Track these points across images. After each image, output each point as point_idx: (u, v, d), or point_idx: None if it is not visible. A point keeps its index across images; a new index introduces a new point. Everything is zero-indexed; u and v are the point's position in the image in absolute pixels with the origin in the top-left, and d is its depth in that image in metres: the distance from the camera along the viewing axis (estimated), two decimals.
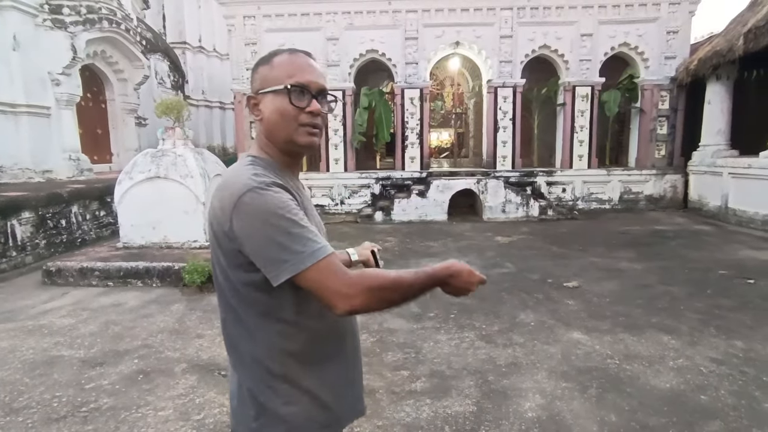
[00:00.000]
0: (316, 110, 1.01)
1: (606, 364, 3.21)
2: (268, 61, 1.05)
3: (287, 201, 0.94)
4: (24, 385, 3.04)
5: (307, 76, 1.01)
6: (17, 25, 7.84)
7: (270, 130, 1.04)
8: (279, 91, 1.01)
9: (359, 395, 1.21)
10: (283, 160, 1.07)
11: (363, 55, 9.98)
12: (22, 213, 5.78)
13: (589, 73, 9.81)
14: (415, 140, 10.14)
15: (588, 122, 9.97)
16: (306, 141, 1.03)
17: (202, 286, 4.82)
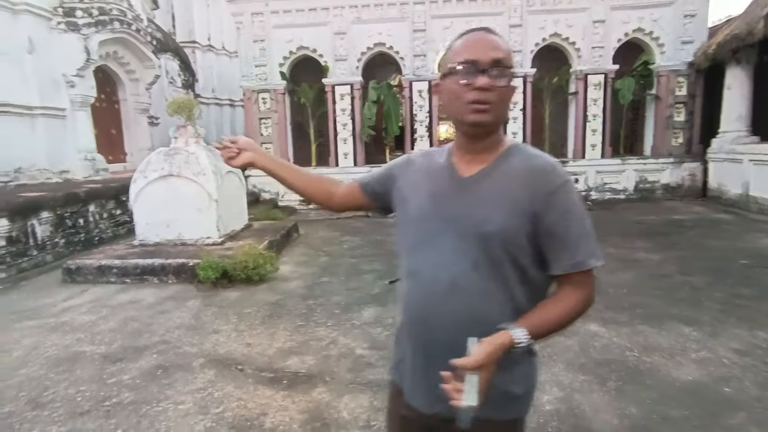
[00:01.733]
0: (483, 85, 0.97)
1: (625, 356, 3.17)
2: (448, 47, 1.07)
3: (385, 165, 1.29)
4: (49, 381, 3.10)
5: (475, 52, 0.99)
6: (32, 28, 7.94)
7: (447, 113, 1.08)
8: (450, 73, 1.02)
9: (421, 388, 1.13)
10: (460, 139, 1.10)
11: (371, 49, 9.94)
12: (41, 213, 5.88)
13: (602, 60, 9.64)
14: (425, 133, 10.09)
15: (601, 111, 9.81)
16: (473, 119, 1.01)
17: (216, 282, 4.87)
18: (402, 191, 1.18)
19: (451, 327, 1.03)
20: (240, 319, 4.08)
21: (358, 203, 1.32)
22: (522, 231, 1.00)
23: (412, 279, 1.10)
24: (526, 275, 1.03)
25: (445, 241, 1.05)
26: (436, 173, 1.13)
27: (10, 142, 7.51)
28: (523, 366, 1.08)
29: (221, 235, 5.94)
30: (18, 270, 5.47)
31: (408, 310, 1.12)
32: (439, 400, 1.00)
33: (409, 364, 1.14)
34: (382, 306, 4.28)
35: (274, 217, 7.96)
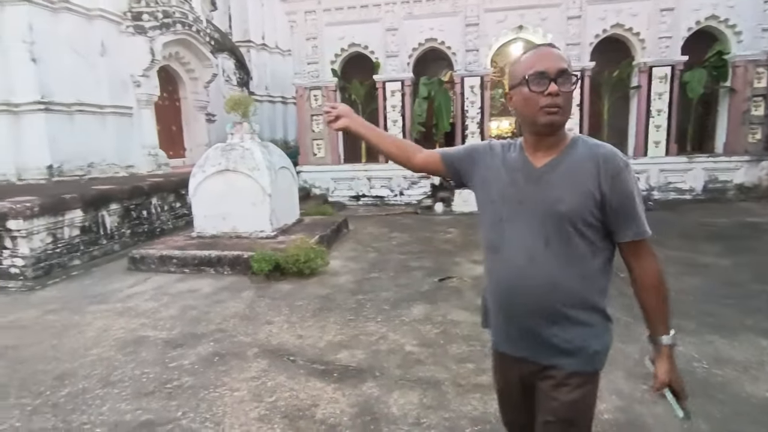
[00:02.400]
0: (553, 91, 1.17)
1: (692, 367, 2.97)
2: (515, 61, 1.28)
3: (466, 146, 1.49)
4: (117, 361, 3.31)
5: (544, 64, 1.19)
6: (104, 33, 8.50)
7: (520, 117, 1.28)
8: (521, 83, 1.22)
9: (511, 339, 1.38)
10: (529, 139, 1.30)
11: (422, 45, 9.86)
12: (110, 205, 6.29)
13: (669, 51, 9.04)
14: (476, 129, 9.90)
15: (666, 105, 9.21)
16: (546, 120, 1.20)
17: (269, 275, 5.01)
18: (482, 174, 1.39)
19: (531, 296, 1.26)
20: (292, 311, 4.17)
21: (434, 169, 1.54)
22: (589, 208, 1.20)
23: (494, 253, 1.34)
24: (593, 246, 1.24)
25: (523, 222, 1.26)
26: (512, 164, 1.32)
27: (85, 139, 8.09)
28: (599, 328, 1.29)
29: (274, 228, 6.10)
30: (90, 257, 5.88)
31: (492, 278, 1.37)
32: (522, 348, 1.33)
33: (494, 319, 1.41)
34: (431, 303, 4.25)
35: (324, 212, 8.10)
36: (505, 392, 1.50)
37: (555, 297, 1.23)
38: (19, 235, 5.05)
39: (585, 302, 1.25)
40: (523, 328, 1.30)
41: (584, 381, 1.30)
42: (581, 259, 1.23)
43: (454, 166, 1.47)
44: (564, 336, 1.26)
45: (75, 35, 8.00)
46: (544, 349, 1.30)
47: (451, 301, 4.31)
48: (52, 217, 5.35)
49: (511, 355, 1.38)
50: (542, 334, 1.28)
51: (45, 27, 7.51)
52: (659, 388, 1.27)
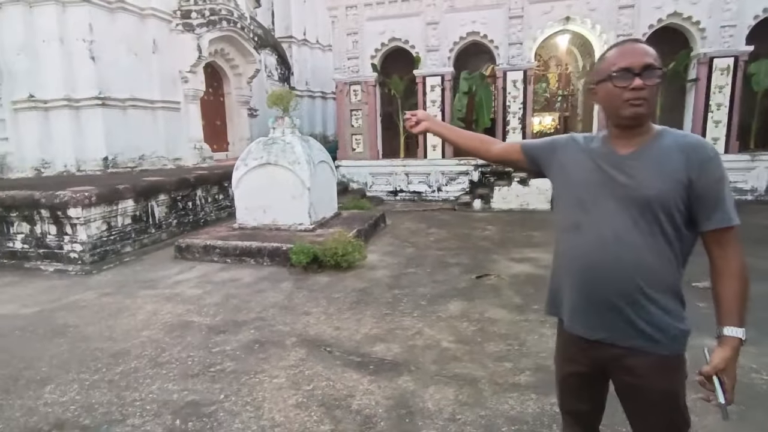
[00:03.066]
0: (638, 86, 1.22)
1: (751, 378, 2.80)
2: (601, 57, 1.34)
3: (547, 138, 1.57)
4: (165, 344, 3.48)
5: (628, 60, 1.24)
6: (156, 31, 8.89)
7: (605, 110, 1.33)
8: (605, 79, 1.28)
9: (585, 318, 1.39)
10: (614, 131, 1.34)
11: (463, 38, 9.71)
12: (159, 195, 6.58)
13: (733, 41, 8.45)
14: (517, 125, 9.68)
15: (728, 99, 8.65)
16: (630, 112, 1.25)
17: (307, 267, 5.10)
18: (562, 162, 1.45)
19: (614, 272, 1.28)
20: (329, 303, 4.24)
21: (513, 158, 1.62)
22: (677, 194, 1.23)
23: (576, 232, 1.36)
24: (678, 231, 1.26)
25: (608, 204, 1.30)
26: (596, 152, 1.37)
27: (137, 132, 8.51)
28: (678, 312, 1.31)
29: (312, 222, 6.21)
30: (140, 245, 6.19)
31: (572, 256, 1.39)
32: (600, 329, 1.34)
33: (568, 300, 1.41)
34: (468, 300, 4.20)
35: (362, 206, 8.16)
36: (570, 378, 1.50)
37: (639, 275, 1.26)
38: (78, 222, 5.38)
39: (667, 285, 1.28)
40: (604, 308, 1.31)
41: (669, 364, 1.31)
42: (665, 242, 1.26)
43: (533, 155, 1.56)
44: (646, 317, 1.27)
45: (129, 34, 8.40)
46: (624, 331, 1.30)
47: (488, 299, 4.25)
48: (107, 206, 5.67)
49: (585, 337, 1.38)
50: (624, 314, 1.28)
51: (103, 26, 7.93)
52: (710, 372, 1.23)
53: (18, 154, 7.80)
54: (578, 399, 1.51)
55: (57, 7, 7.54)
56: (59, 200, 5.29)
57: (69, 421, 2.58)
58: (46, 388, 2.92)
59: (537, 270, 5.06)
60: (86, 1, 7.60)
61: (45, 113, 7.78)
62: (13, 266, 5.63)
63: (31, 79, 7.63)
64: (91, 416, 2.62)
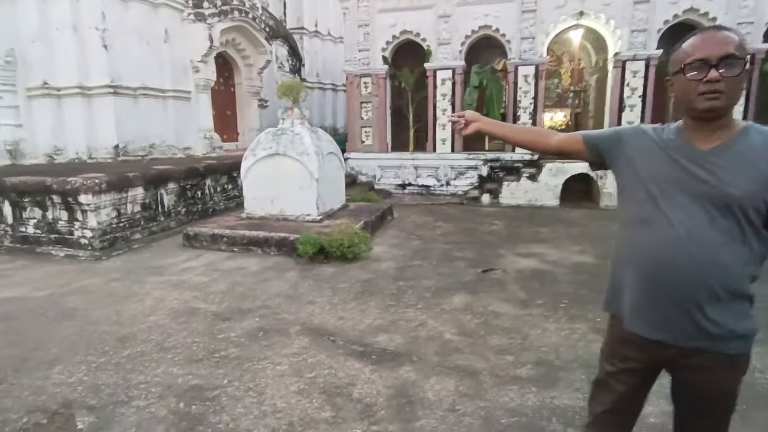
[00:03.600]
0: (713, 78, 1.17)
1: (754, 378, 2.77)
2: (677, 47, 1.30)
3: (611, 128, 1.52)
4: (171, 329, 3.53)
5: (705, 50, 1.19)
6: (168, 20, 8.93)
7: (680, 103, 1.30)
8: (681, 70, 1.24)
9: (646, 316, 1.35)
10: (690, 124, 1.29)
11: (475, 32, 9.62)
12: (168, 184, 6.65)
13: (749, 38, 8.30)
14: (528, 120, 9.59)
15: (743, 97, 8.51)
16: (704, 106, 1.21)
17: (313, 257, 5.13)
18: (629, 154, 1.39)
19: (685, 271, 1.23)
20: (334, 293, 4.26)
21: (573, 149, 1.56)
22: (762, 195, 1.18)
23: (644, 227, 1.31)
24: (757, 234, 1.21)
25: (682, 199, 1.24)
26: (670, 145, 1.31)
27: (148, 121, 8.58)
28: (747, 313, 1.27)
29: (320, 213, 6.23)
30: (149, 232, 6.26)
31: (638, 252, 1.32)
32: (663, 329, 1.29)
33: (630, 297, 1.36)
34: (472, 294, 4.21)
35: (369, 198, 8.17)
36: (618, 376, 1.44)
37: (712, 275, 1.21)
38: (88, 208, 5.45)
39: (739, 286, 1.23)
40: (670, 307, 1.27)
41: (735, 364, 1.28)
42: (742, 243, 1.21)
43: (596, 147, 1.50)
44: (715, 319, 1.23)
45: (142, 23, 8.45)
46: (690, 332, 1.26)
47: (493, 293, 4.25)
48: (117, 194, 5.74)
49: (646, 337, 1.33)
50: (691, 315, 1.24)
51: (116, 15, 7.98)
52: None
53: (31, 141, 7.91)
54: (619, 398, 1.45)
55: None
56: (70, 186, 5.37)
57: (76, 401, 2.64)
58: (54, 369, 2.99)
59: (543, 265, 5.05)
60: None
61: (58, 100, 7.88)
62: (26, 251, 5.74)
63: (44, 67, 7.72)
64: (98, 397, 2.68)
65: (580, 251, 5.55)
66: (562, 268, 4.95)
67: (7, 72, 7.62)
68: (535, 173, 8.81)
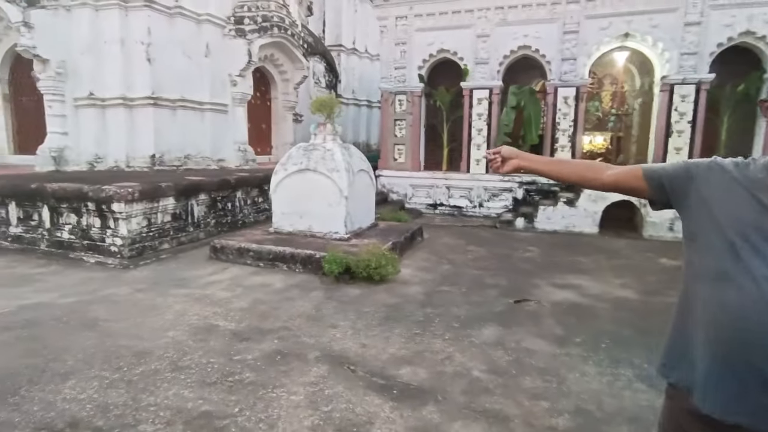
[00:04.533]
0: None
1: None
2: None
3: (680, 162, 1.27)
4: (188, 347, 3.42)
5: None
6: (210, 36, 9.16)
7: None
8: None
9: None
10: None
11: (514, 52, 9.43)
12: (199, 195, 6.68)
13: None
14: (566, 143, 9.25)
15: None
16: None
17: (338, 277, 4.97)
18: (704, 193, 1.17)
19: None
20: (358, 317, 4.07)
21: (631, 186, 1.35)
22: None
23: (722, 283, 1.09)
24: None
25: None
26: (758, 185, 1.10)
27: (185, 133, 8.76)
28: None
29: (348, 231, 6.09)
30: (178, 243, 6.27)
31: (715, 314, 1.10)
32: (744, 412, 1.05)
33: (702, 369, 1.13)
34: (505, 327, 3.93)
35: (399, 218, 8.00)
36: None
37: None
38: (120, 217, 5.50)
39: None
40: (756, 384, 1.04)
41: None
42: None
43: (660, 183, 1.27)
44: None
45: (185, 38, 8.69)
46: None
47: (526, 327, 3.96)
48: (148, 203, 5.78)
49: (722, 419, 1.10)
50: None
51: (161, 30, 8.24)
52: None
53: (75, 149, 8.18)
54: None
55: (120, 11, 7.89)
56: (104, 194, 5.44)
57: (83, 421, 2.53)
58: (67, 383, 2.91)
59: (582, 299, 4.71)
60: (147, 6, 7.92)
61: (102, 111, 8.14)
62: (59, 255, 5.83)
63: (92, 78, 8.01)
64: (105, 417, 2.57)
65: (622, 285, 5.17)
66: (603, 303, 4.60)
67: (57, 82, 7.95)
68: (573, 198, 8.43)
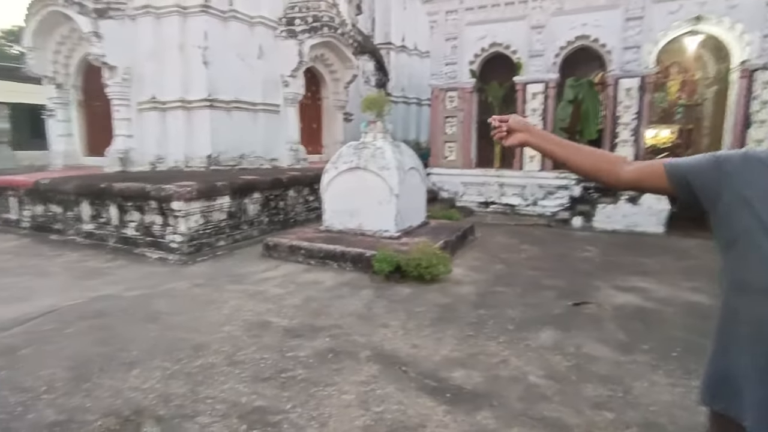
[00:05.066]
0: None
1: None
2: None
3: (707, 155, 1.10)
4: (243, 342, 3.49)
5: None
6: (262, 38, 9.40)
7: None
8: None
9: None
10: None
11: (571, 43, 8.98)
12: (253, 194, 6.87)
13: None
14: (628, 137, 8.71)
15: None
16: None
17: (389, 276, 4.93)
18: (741, 191, 1.01)
19: None
20: (409, 317, 4.01)
21: (652, 184, 1.18)
22: None
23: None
24: None
25: None
26: None
27: (239, 133, 9.04)
28: None
29: (398, 229, 6.04)
30: (233, 240, 6.48)
31: (764, 332, 0.97)
32: None
33: (754, 396, 1.00)
34: (563, 330, 3.73)
35: (450, 216, 7.85)
36: None
37: None
38: (179, 214, 5.75)
39: None
40: None
41: None
42: None
43: (687, 181, 1.10)
44: None
45: (239, 40, 8.96)
46: None
47: (587, 331, 3.74)
48: (205, 201, 6.01)
49: None
50: None
51: (217, 34, 8.54)
52: None
53: (139, 150, 8.66)
54: None
55: (179, 17, 8.26)
56: (165, 193, 5.71)
57: (147, 409, 2.63)
58: (132, 372, 3.04)
59: (647, 303, 4.39)
60: (204, 11, 8.23)
61: (163, 113, 8.56)
62: (125, 251, 6.18)
63: (154, 82, 8.44)
64: (166, 407, 2.65)
65: (693, 289, 4.78)
66: (673, 308, 4.26)
67: (123, 88, 8.44)
68: (636, 195, 7.92)
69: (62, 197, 6.90)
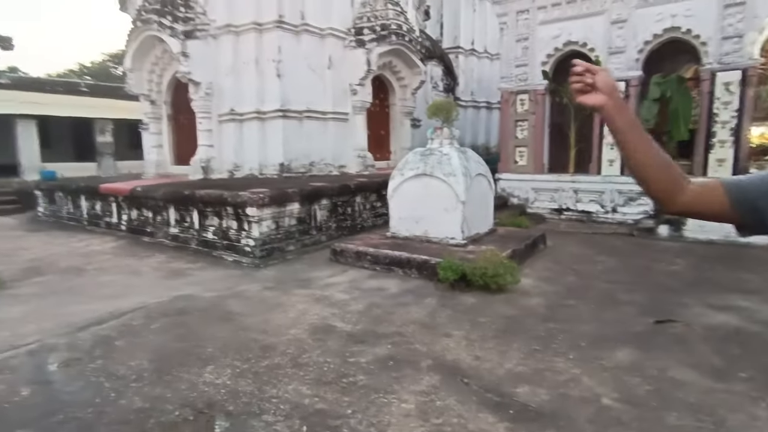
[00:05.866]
0: None
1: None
2: None
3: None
4: (307, 345, 3.59)
5: None
6: (332, 48, 9.70)
7: None
8: None
9: None
10: None
11: (658, 36, 8.30)
12: (322, 200, 7.07)
13: None
14: (727, 138, 7.84)
15: None
16: None
17: (454, 284, 4.83)
18: None
19: None
20: (472, 327, 3.90)
21: (709, 208, 0.99)
22: None
23: None
24: None
25: None
26: None
27: (310, 141, 9.39)
28: None
29: (465, 237, 5.91)
30: (302, 245, 6.71)
31: None
32: None
33: None
34: (644, 351, 3.42)
35: (520, 224, 7.56)
36: None
37: None
38: (253, 220, 6.06)
39: None
40: None
41: None
42: None
43: (747, 200, 0.94)
44: None
45: (310, 52, 9.32)
46: None
47: (672, 352, 3.40)
48: (277, 208, 6.28)
49: None
50: None
51: (290, 48, 8.94)
52: None
53: (219, 159, 9.29)
54: None
55: (256, 33, 8.76)
56: (240, 200, 6.05)
57: (218, 404, 2.79)
58: (207, 368, 3.24)
59: (748, 324, 3.91)
60: (278, 27, 8.66)
61: (240, 124, 9.12)
62: (205, 253, 6.63)
63: (232, 96, 9.02)
64: (235, 403, 2.79)
65: None
66: None
67: (206, 102, 9.11)
68: None
69: (153, 203, 7.57)
